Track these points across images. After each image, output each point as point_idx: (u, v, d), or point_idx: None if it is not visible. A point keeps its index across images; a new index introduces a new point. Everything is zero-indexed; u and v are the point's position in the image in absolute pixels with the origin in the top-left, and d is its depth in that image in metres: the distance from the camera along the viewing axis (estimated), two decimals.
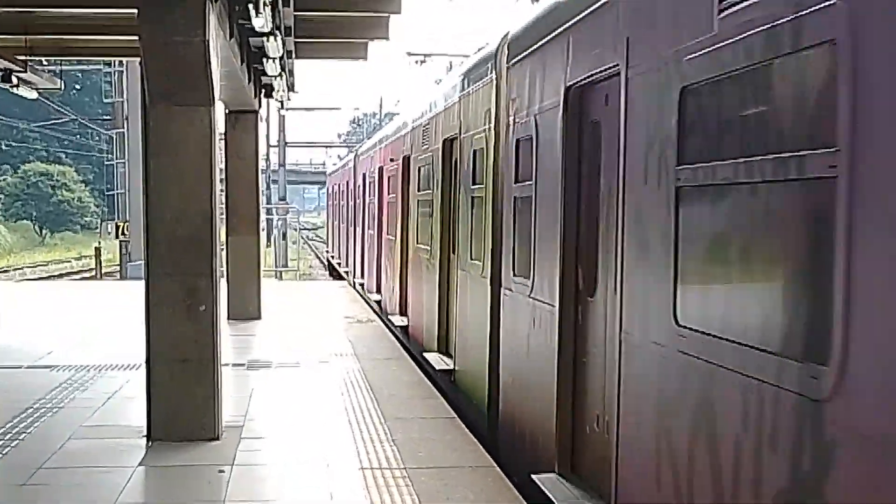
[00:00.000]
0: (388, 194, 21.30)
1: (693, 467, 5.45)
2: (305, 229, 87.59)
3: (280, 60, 15.14)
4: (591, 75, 7.36)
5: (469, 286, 12.12)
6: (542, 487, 8.06)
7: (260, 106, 20.22)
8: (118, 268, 47.68)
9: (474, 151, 11.87)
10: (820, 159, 4.26)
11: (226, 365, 11.49)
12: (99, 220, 76.99)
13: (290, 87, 20.09)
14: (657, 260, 5.98)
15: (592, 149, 7.70)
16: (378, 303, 22.42)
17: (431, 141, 15.19)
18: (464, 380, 12.51)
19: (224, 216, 18.99)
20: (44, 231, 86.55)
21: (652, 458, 6.02)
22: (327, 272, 49.03)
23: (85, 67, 62.89)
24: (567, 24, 8.01)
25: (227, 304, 19.01)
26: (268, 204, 55.69)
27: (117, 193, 50.45)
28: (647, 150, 6.11)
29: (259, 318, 19.81)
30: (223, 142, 19.03)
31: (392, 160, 20.76)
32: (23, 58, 18.09)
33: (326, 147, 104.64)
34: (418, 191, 16.71)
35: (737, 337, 4.97)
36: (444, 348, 14.34)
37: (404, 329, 18.03)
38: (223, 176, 18.89)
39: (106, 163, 65.17)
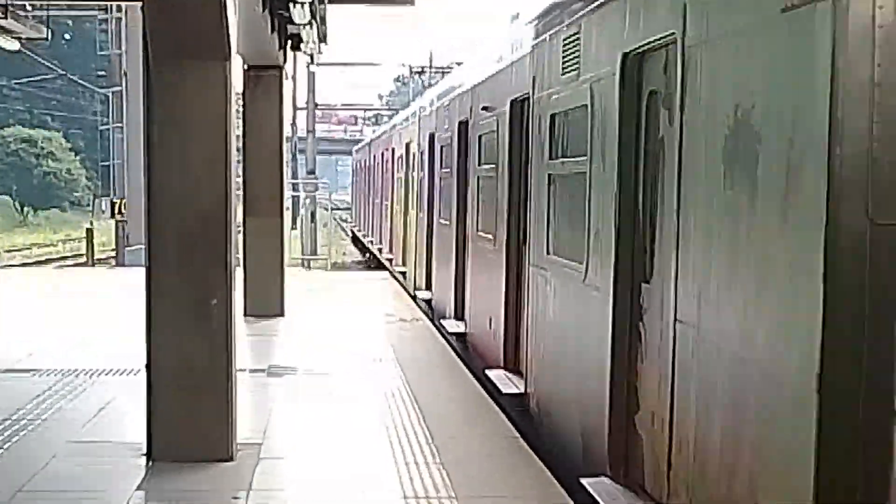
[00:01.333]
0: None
1: None
2: (338, 209, 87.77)
3: (310, 6, 15.18)
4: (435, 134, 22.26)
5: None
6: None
7: (285, 61, 20.26)
8: (114, 253, 48.10)
9: (413, 153, 26.88)
10: None
11: (241, 371, 11.56)
12: (91, 197, 77.75)
13: (322, 39, 20.12)
14: None
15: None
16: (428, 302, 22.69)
17: (402, 142, 30.02)
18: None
19: (241, 193, 19.06)
20: (25, 209, 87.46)
21: None
22: (363, 259, 49.28)
23: (76, 13, 63.35)
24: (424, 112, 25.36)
25: (243, 298, 19.12)
26: (294, 179, 55.84)
27: (113, 164, 50.84)
28: None
29: (282, 314, 19.92)
30: (241, 104, 19.10)
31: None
32: (3, 1, 18.20)
33: (364, 111, 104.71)
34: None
35: None
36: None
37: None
38: (240, 145, 18.96)
39: (100, 128, 65.70)
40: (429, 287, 22.92)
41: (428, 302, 22.44)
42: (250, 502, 9.04)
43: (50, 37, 24.30)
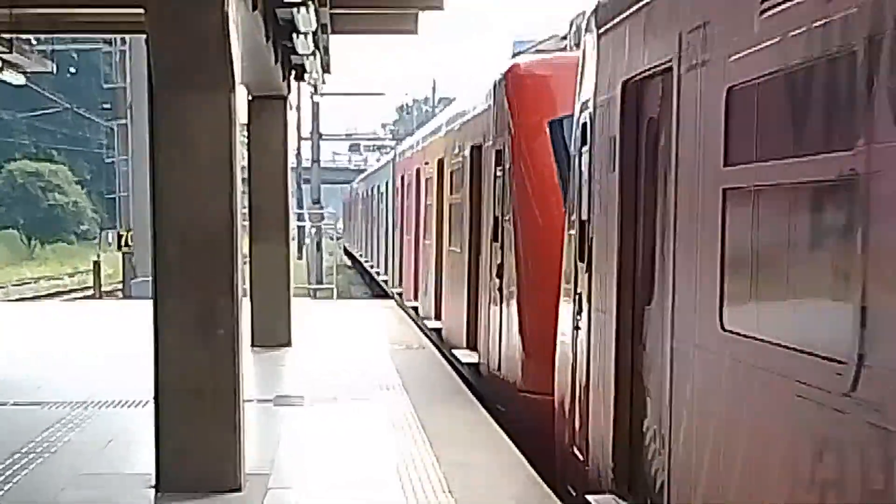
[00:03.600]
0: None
1: None
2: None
3: (313, 35, 15.20)
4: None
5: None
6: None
7: (289, 91, 20.30)
8: (121, 285, 48.15)
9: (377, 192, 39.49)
10: None
11: (249, 401, 11.52)
12: (98, 229, 77.73)
13: (325, 68, 20.15)
14: None
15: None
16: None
17: (369, 189, 47.74)
18: None
19: (247, 222, 19.04)
20: (33, 242, 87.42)
21: None
22: (369, 289, 49.34)
23: (81, 47, 63.59)
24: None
25: (250, 328, 19.08)
26: (299, 208, 55.91)
27: (119, 196, 51.03)
28: None
29: (289, 344, 19.86)
30: (245, 133, 19.11)
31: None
32: (8, 35, 18.25)
33: (369, 140, 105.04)
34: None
35: None
36: None
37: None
38: (245, 174, 18.96)
39: (106, 160, 65.92)
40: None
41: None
42: None
43: (55, 70, 24.33)
